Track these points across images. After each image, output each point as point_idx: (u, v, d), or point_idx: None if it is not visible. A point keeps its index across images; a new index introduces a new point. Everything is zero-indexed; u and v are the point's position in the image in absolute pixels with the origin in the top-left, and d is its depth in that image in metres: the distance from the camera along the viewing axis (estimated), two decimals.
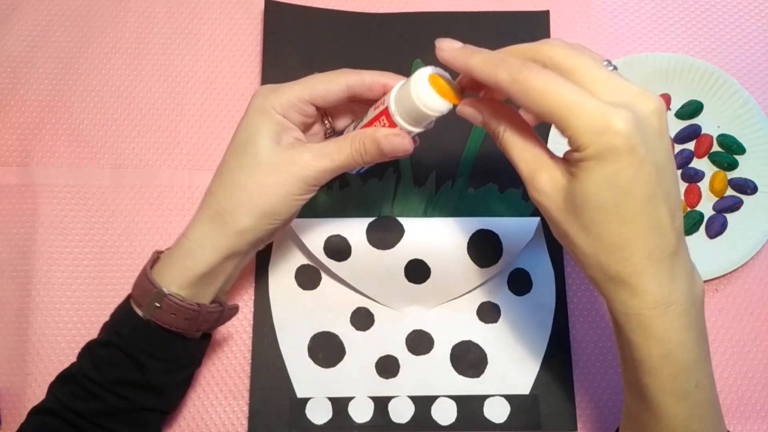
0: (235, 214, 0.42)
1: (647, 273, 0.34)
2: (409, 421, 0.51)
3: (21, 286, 0.54)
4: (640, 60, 0.57)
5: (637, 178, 0.32)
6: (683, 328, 0.35)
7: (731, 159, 0.55)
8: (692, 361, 0.35)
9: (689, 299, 0.35)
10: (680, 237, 0.35)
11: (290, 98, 0.42)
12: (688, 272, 0.35)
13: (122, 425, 0.44)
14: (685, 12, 0.60)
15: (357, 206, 0.55)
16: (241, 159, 0.42)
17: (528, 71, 0.33)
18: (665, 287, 0.34)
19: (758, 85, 0.58)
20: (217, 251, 0.42)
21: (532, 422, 0.51)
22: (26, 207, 0.55)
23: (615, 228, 0.33)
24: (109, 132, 0.57)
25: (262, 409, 0.51)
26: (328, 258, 0.51)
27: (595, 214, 0.34)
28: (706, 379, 0.36)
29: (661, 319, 0.34)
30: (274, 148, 0.42)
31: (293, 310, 0.53)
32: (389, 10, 0.59)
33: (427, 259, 0.51)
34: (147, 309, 0.42)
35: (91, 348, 0.44)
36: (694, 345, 0.35)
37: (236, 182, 0.42)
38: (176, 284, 0.42)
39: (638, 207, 0.33)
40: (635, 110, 0.32)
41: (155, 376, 0.44)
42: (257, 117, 0.42)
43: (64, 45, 0.59)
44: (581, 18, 0.59)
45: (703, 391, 0.36)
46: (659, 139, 0.33)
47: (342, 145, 0.42)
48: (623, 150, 0.32)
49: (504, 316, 0.53)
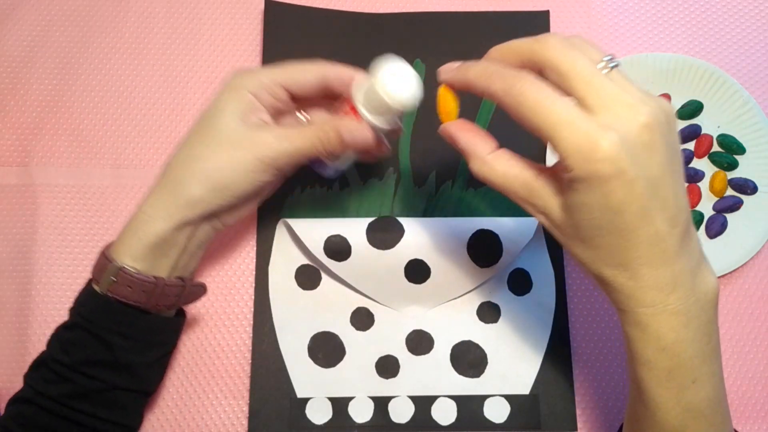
0: (186, 184, 0.42)
1: (644, 279, 0.34)
2: (409, 421, 0.51)
3: (21, 286, 0.54)
4: (640, 60, 0.57)
5: (628, 198, 0.33)
6: (681, 325, 0.35)
7: (731, 159, 0.55)
8: (690, 358, 0.35)
9: (691, 297, 0.35)
10: (684, 239, 0.35)
11: (263, 79, 0.43)
12: (692, 271, 0.35)
13: (96, 407, 0.43)
14: (685, 12, 0.60)
15: (357, 206, 0.55)
16: (203, 132, 0.43)
17: (521, 84, 0.34)
18: (663, 290, 0.34)
19: (758, 85, 0.58)
20: (165, 221, 0.42)
21: (532, 422, 0.51)
22: (26, 207, 0.55)
23: (612, 241, 0.34)
24: (109, 132, 0.57)
25: (262, 409, 0.51)
26: (328, 258, 0.51)
27: (590, 231, 0.34)
28: (707, 376, 0.36)
29: (658, 317, 0.35)
30: (238, 124, 0.42)
31: (293, 310, 0.53)
32: (389, 10, 0.59)
33: (427, 259, 0.51)
34: (103, 284, 0.42)
35: (57, 332, 0.45)
36: (693, 342, 0.35)
37: (193, 154, 0.43)
38: (130, 257, 0.42)
39: (632, 222, 0.33)
40: (625, 127, 0.32)
41: (123, 355, 0.43)
42: (227, 93, 0.43)
43: (64, 45, 0.59)
44: (581, 18, 0.59)
45: (702, 388, 0.36)
46: (650, 153, 0.33)
47: (305, 131, 0.43)
48: (611, 175, 0.32)
49: (504, 316, 0.53)
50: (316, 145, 0.43)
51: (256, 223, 0.55)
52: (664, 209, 0.34)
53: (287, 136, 0.43)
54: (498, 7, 0.59)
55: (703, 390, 0.36)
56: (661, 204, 0.33)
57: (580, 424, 0.51)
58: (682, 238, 0.35)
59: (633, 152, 0.32)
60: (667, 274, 0.34)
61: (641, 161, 0.32)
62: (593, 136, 0.32)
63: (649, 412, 0.37)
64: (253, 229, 0.55)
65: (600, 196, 0.33)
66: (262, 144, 0.42)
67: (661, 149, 0.33)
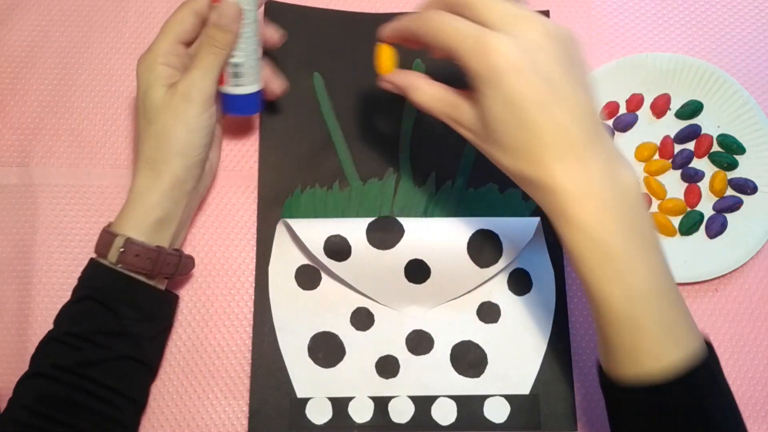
0: (163, 162, 0.48)
1: (557, 170, 0.37)
2: (409, 421, 0.51)
3: (21, 286, 0.54)
4: (640, 60, 0.57)
5: (525, 90, 0.37)
6: (602, 216, 0.37)
7: (731, 159, 0.55)
8: (617, 246, 0.37)
9: (609, 192, 0.37)
10: (592, 138, 0.38)
11: (162, 48, 0.48)
12: (607, 168, 0.38)
13: (106, 376, 0.46)
14: (685, 12, 0.60)
15: (357, 206, 0.55)
16: (148, 114, 0.48)
17: (430, 17, 0.40)
18: (578, 183, 0.37)
19: (758, 85, 0.58)
20: (162, 194, 0.48)
21: (532, 422, 0.51)
22: (26, 207, 0.55)
23: (520, 136, 0.38)
24: (109, 132, 0.57)
25: (262, 409, 0.51)
26: (328, 258, 0.51)
27: (502, 130, 0.38)
28: (641, 264, 0.37)
29: (579, 209, 0.37)
30: (166, 92, 0.48)
31: (293, 310, 0.53)
32: (389, 10, 0.59)
33: (427, 259, 0.51)
34: (112, 254, 0.46)
35: (65, 309, 0.48)
36: (618, 231, 0.37)
37: (151, 132, 0.48)
38: (133, 230, 0.47)
39: (533, 114, 0.37)
40: (521, 33, 0.37)
41: (130, 325, 0.47)
42: (146, 74, 0.48)
43: (64, 45, 0.59)
44: (581, 18, 0.59)
45: (638, 274, 0.37)
46: (545, 55, 0.37)
47: (198, 50, 0.48)
48: (505, 69, 0.37)
49: (504, 316, 0.53)
50: (211, 51, 0.47)
51: (256, 224, 0.55)
52: (564, 105, 0.37)
53: (192, 66, 0.48)
54: None
55: (639, 275, 0.37)
56: (561, 100, 0.37)
57: (580, 424, 0.51)
58: (590, 137, 0.38)
59: (528, 52, 0.37)
60: (579, 167, 0.37)
61: (537, 60, 0.37)
62: (485, 38, 0.37)
63: (597, 308, 0.39)
64: (253, 229, 0.55)
65: (500, 91, 0.37)
66: (183, 89, 0.47)
67: (557, 54, 0.37)
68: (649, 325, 0.37)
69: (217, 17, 0.47)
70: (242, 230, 0.55)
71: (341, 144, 0.56)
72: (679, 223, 0.55)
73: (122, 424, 0.47)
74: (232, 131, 0.57)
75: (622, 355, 0.38)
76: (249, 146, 0.57)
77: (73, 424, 0.44)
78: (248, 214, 0.55)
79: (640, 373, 0.38)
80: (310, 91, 0.57)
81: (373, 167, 0.56)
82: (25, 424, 0.44)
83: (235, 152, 0.57)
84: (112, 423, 0.46)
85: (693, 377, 0.37)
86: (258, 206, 0.55)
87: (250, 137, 0.57)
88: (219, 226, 0.55)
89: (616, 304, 0.38)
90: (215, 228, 0.55)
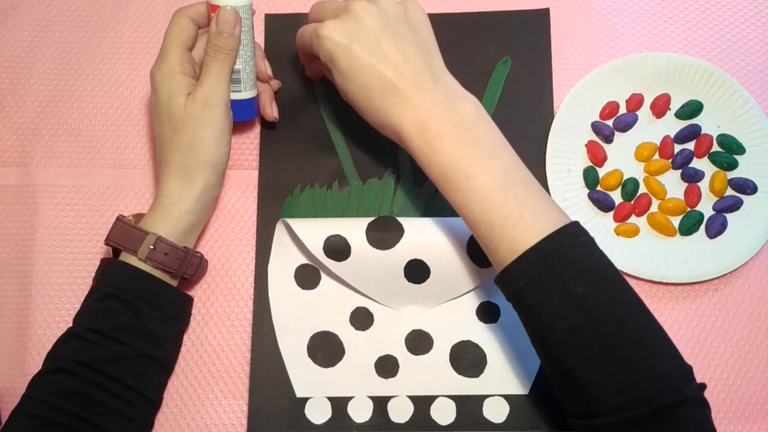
0: (196, 169, 0.49)
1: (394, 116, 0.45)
2: (408, 420, 0.51)
3: (21, 286, 0.54)
4: (640, 60, 0.57)
5: (351, 60, 0.46)
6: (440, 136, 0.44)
7: (731, 159, 0.55)
8: (455, 158, 0.44)
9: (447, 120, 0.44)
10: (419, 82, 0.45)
11: (176, 57, 0.50)
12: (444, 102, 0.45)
13: (125, 374, 0.47)
14: (685, 12, 0.60)
15: (357, 206, 0.55)
16: (174, 124, 0.49)
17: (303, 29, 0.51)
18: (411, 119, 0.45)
19: (758, 85, 0.58)
20: (195, 200, 0.50)
21: (531, 422, 0.51)
22: (26, 207, 0.55)
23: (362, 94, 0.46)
24: (109, 132, 0.57)
25: (262, 408, 0.51)
26: (328, 258, 0.51)
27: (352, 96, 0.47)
28: (481, 171, 0.43)
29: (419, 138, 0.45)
30: (185, 102, 0.49)
31: (293, 310, 0.53)
32: None
33: (427, 258, 0.51)
34: (142, 251, 0.48)
35: (87, 306, 0.48)
36: (453, 146, 0.44)
37: (180, 143, 0.49)
38: (165, 232, 0.48)
39: (365, 77, 0.46)
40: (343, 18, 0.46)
41: (151, 324, 0.48)
42: (163, 87, 0.49)
43: (64, 45, 0.59)
44: (581, 17, 0.59)
45: (476, 179, 0.43)
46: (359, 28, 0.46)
47: (206, 59, 0.50)
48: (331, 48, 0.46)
49: (503, 316, 0.53)
50: (216, 57, 0.49)
51: (256, 223, 0.55)
52: (385, 61, 0.45)
53: (203, 74, 0.50)
54: (498, 6, 0.59)
55: (477, 181, 0.43)
56: (381, 59, 0.45)
57: None
58: (417, 82, 0.45)
59: (346, 31, 0.46)
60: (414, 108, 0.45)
61: (354, 35, 0.46)
62: (317, 30, 0.47)
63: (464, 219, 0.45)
64: (252, 229, 0.55)
65: (336, 68, 0.46)
66: (201, 97, 0.49)
67: (369, 23, 0.46)
68: (498, 220, 0.43)
69: (220, 24, 0.50)
70: (242, 230, 0.55)
71: (341, 144, 0.56)
72: (679, 223, 0.55)
73: (138, 422, 0.48)
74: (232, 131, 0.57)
75: (489, 252, 0.44)
76: (249, 146, 0.57)
77: (91, 420, 0.45)
78: (248, 213, 0.55)
79: (500, 264, 0.43)
80: (310, 92, 0.58)
81: (373, 167, 0.56)
82: (43, 419, 0.44)
83: (235, 152, 0.57)
84: (128, 421, 0.47)
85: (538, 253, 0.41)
86: (258, 206, 0.55)
87: (251, 137, 0.57)
88: (219, 225, 0.55)
89: (467, 210, 0.44)
90: (215, 228, 0.55)
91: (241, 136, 0.57)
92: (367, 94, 0.46)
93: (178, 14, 0.51)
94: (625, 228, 0.54)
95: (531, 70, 0.57)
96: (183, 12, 0.51)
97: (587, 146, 0.56)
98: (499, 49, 0.58)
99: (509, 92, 0.57)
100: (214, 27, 0.50)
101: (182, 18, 0.51)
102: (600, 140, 0.56)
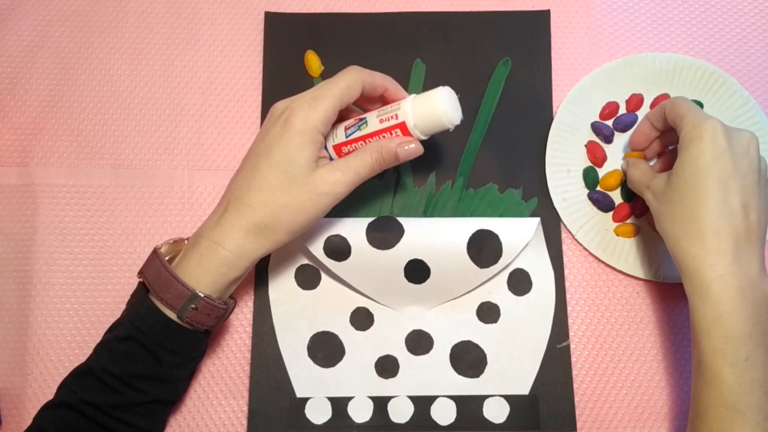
0: (276, 231, 0.45)
1: (712, 247, 0.41)
2: (408, 421, 0.51)
3: (21, 286, 0.54)
4: (640, 60, 0.57)
5: (713, 162, 0.42)
6: (738, 300, 0.40)
7: None
8: (744, 334, 0.40)
9: (750, 286, 0.41)
10: (753, 233, 0.42)
11: (328, 114, 0.45)
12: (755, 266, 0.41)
13: (136, 417, 0.45)
14: (685, 12, 0.60)
15: (357, 206, 0.55)
16: (284, 180, 0.44)
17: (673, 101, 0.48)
18: (725, 257, 0.41)
19: (758, 85, 0.58)
20: (251, 261, 0.45)
21: (532, 422, 0.51)
22: (26, 207, 0.55)
23: (691, 204, 0.43)
24: (109, 132, 0.57)
25: (262, 408, 0.51)
26: (328, 258, 0.51)
27: (678, 190, 0.44)
28: (760, 360, 0.40)
29: (718, 284, 0.41)
30: (312, 168, 0.44)
31: (293, 310, 0.53)
32: (389, 10, 0.59)
33: (427, 259, 0.51)
34: (182, 311, 0.44)
35: (109, 342, 0.46)
36: (746, 320, 0.40)
37: (279, 202, 0.44)
38: (210, 288, 0.44)
39: (711, 186, 0.42)
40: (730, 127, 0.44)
41: (170, 370, 0.46)
42: (300, 138, 0.44)
43: (64, 45, 0.59)
44: (581, 18, 0.59)
45: (754, 368, 0.40)
46: (745, 153, 0.43)
47: (363, 158, 0.45)
48: (707, 138, 0.43)
49: (504, 316, 0.53)
50: (375, 168, 0.46)
51: None
52: (742, 194, 0.42)
53: (351, 167, 0.45)
54: (498, 6, 0.59)
55: (755, 371, 0.40)
56: (740, 188, 0.42)
57: (579, 424, 0.51)
58: (750, 235, 0.42)
59: (731, 139, 0.43)
60: (731, 246, 0.41)
61: (735, 150, 0.43)
62: (703, 116, 0.45)
63: (707, 383, 0.41)
64: None
65: (695, 152, 0.43)
66: (334, 182, 0.45)
67: (750, 156, 0.43)
68: (749, 414, 0.40)
69: (404, 152, 0.46)
70: None
71: None
72: None
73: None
74: (232, 132, 0.57)
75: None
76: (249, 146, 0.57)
77: None
78: None
79: None
80: None
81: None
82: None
83: (236, 152, 0.57)
84: None
85: None
86: None
87: (251, 137, 0.57)
88: None
89: (729, 386, 0.40)
90: None
91: (241, 136, 0.57)
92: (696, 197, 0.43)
93: (351, 72, 0.46)
94: (625, 228, 0.54)
95: (531, 71, 0.57)
96: (358, 73, 0.46)
97: (587, 146, 0.56)
98: (499, 50, 0.58)
99: (509, 93, 0.57)
100: (402, 151, 0.46)
101: (354, 78, 0.45)
102: (600, 140, 0.56)
